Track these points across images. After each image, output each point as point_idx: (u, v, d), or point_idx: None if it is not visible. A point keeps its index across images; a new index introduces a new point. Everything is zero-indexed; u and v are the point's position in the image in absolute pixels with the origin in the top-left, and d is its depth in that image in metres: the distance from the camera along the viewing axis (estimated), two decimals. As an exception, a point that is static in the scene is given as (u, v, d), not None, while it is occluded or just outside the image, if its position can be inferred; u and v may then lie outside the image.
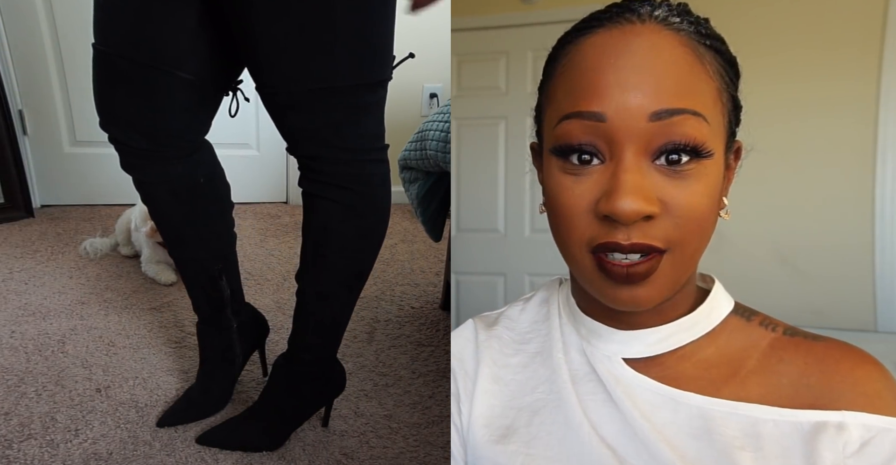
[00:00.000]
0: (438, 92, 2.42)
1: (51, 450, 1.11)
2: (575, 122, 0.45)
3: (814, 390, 0.47)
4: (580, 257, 0.47)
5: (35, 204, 2.20)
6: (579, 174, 0.46)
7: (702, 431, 0.47)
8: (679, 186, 0.44)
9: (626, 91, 0.43)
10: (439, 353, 1.48)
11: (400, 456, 1.15)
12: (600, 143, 0.45)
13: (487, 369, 0.58)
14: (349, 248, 1.05)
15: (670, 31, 0.45)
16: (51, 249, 1.93)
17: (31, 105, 2.12)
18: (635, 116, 0.43)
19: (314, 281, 1.09)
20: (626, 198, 0.42)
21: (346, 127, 0.95)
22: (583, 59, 0.46)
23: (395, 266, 1.95)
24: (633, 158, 0.44)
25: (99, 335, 1.47)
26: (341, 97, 0.92)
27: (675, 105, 0.43)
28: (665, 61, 0.44)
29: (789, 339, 0.51)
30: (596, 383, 0.52)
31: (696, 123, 0.44)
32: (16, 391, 1.26)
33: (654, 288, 0.45)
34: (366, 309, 1.67)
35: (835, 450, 0.44)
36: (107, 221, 2.13)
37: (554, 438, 0.52)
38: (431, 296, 1.76)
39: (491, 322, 0.62)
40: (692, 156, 0.44)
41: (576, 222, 0.46)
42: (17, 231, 2.05)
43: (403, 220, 2.35)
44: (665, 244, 0.44)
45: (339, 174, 0.99)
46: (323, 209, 1.02)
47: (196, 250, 1.13)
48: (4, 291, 1.66)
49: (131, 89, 0.94)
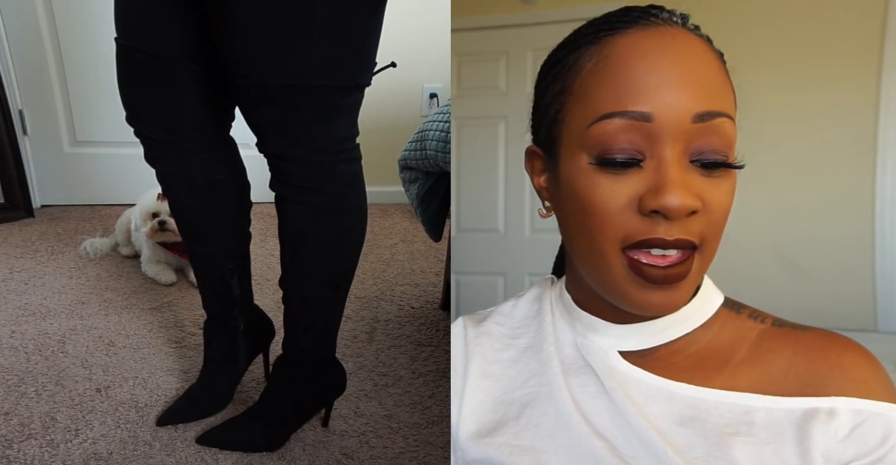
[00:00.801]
0: (438, 92, 2.42)
1: (51, 450, 1.11)
2: (617, 120, 0.45)
3: (802, 378, 0.48)
4: (611, 257, 0.46)
5: (35, 204, 2.20)
6: (619, 173, 0.46)
7: (694, 420, 0.48)
8: (714, 184, 0.45)
9: (672, 91, 0.44)
10: (439, 353, 1.48)
11: (400, 456, 1.15)
12: (642, 141, 0.45)
13: (477, 365, 0.58)
14: (326, 249, 1.04)
15: (695, 35, 0.47)
16: (51, 249, 1.93)
17: (31, 105, 2.12)
18: (680, 116, 0.44)
19: (295, 285, 1.08)
20: (675, 193, 0.43)
21: (316, 127, 0.93)
22: (621, 58, 0.46)
23: (395, 266, 1.95)
24: (675, 156, 0.45)
25: (99, 335, 1.47)
26: (315, 96, 0.91)
27: (716, 108, 0.45)
28: (703, 64, 0.45)
29: (778, 330, 0.52)
30: (589, 375, 0.53)
31: (731, 126, 0.46)
32: (16, 391, 1.26)
33: (685, 291, 0.47)
34: (366, 309, 1.67)
35: (826, 435, 0.45)
36: (107, 221, 2.13)
37: (543, 429, 0.52)
38: (431, 296, 1.76)
39: (480, 319, 0.62)
40: (726, 167, 0.46)
41: (613, 220, 0.46)
42: (17, 231, 2.05)
43: (403, 220, 2.35)
44: (699, 242, 0.46)
45: (307, 176, 0.98)
46: (294, 213, 1.01)
47: (210, 246, 1.13)
48: (4, 291, 1.66)
49: (149, 82, 0.95)
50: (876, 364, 0.49)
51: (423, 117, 2.42)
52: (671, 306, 0.47)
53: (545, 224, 0.51)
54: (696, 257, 0.46)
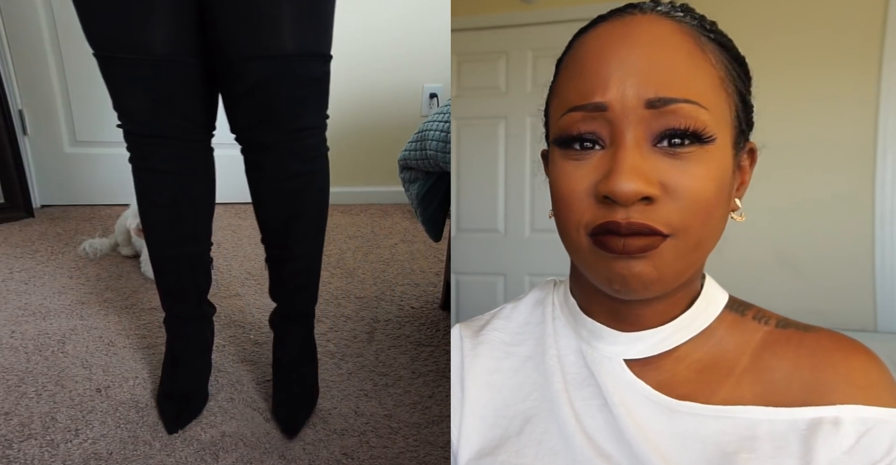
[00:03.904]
0: (438, 92, 2.42)
1: (51, 450, 1.11)
2: (578, 113, 0.46)
3: (807, 384, 0.47)
4: (578, 240, 0.47)
5: (35, 204, 2.20)
6: (580, 159, 0.46)
7: (696, 442, 0.47)
8: (680, 169, 0.44)
9: (624, 79, 0.44)
10: (439, 353, 1.48)
11: (400, 456, 1.15)
12: (601, 129, 0.45)
13: (477, 377, 0.57)
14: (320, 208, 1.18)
15: (670, 20, 0.46)
16: (51, 249, 1.93)
17: (31, 105, 2.12)
18: (633, 103, 0.44)
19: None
20: (624, 178, 0.42)
21: (308, 103, 1.04)
22: (584, 53, 0.47)
23: (395, 266, 1.95)
24: (633, 142, 0.44)
25: (99, 335, 1.47)
26: (310, 66, 1.01)
27: (670, 94, 0.44)
28: (661, 48, 0.44)
29: (781, 331, 0.51)
30: (593, 388, 0.52)
31: (693, 111, 0.44)
32: (16, 391, 1.26)
33: (653, 266, 0.44)
34: (366, 309, 1.67)
35: (831, 447, 0.44)
36: (107, 222, 2.13)
37: (546, 447, 0.51)
38: (431, 296, 1.76)
39: (479, 327, 0.60)
40: (692, 140, 0.44)
41: (575, 205, 0.46)
42: (17, 231, 2.05)
43: (403, 220, 2.35)
44: (668, 229, 0.44)
45: (285, 157, 1.08)
46: (271, 191, 1.13)
47: (202, 241, 1.20)
48: (4, 291, 1.66)
49: (132, 82, 1.00)
50: (882, 368, 0.48)
51: (423, 117, 2.42)
52: (638, 278, 0.44)
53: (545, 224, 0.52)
54: (668, 242, 0.44)
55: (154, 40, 0.94)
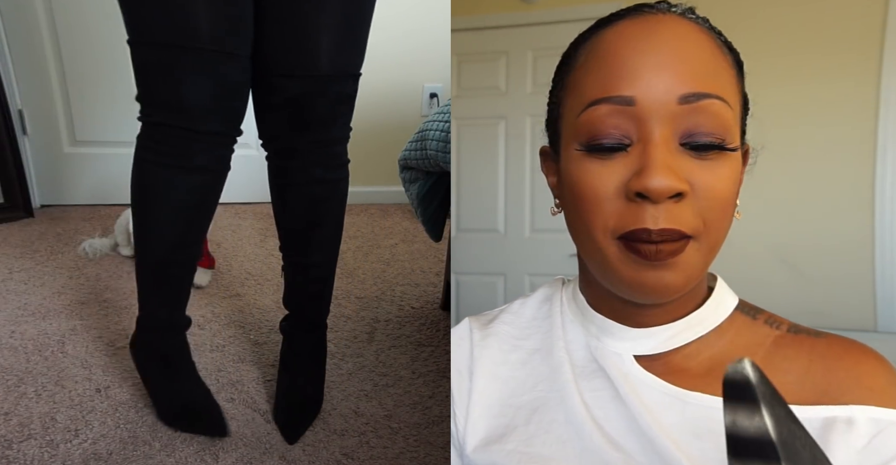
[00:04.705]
0: (438, 92, 2.42)
1: (51, 450, 1.11)
2: (603, 106, 0.45)
3: (819, 386, 0.47)
4: (605, 245, 0.46)
5: (35, 204, 2.20)
6: (606, 158, 0.45)
7: (709, 432, 0.47)
8: (705, 168, 0.44)
9: (655, 74, 0.44)
10: (439, 353, 1.48)
11: (400, 456, 1.15)
12: (629, 126, 0.45)
13: (485, 368, 0.57)
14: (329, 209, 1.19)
15: (689, 21, 0.46)
16: (51, 249, 1.93)
17: (31, 105, 2.12)
18: (665, 98, 0.44)
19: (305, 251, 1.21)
20: (657, 174, 0.42)
21: (339, 117, 1.09)
22: (608, 47, 0.46)
23: (395, 266, 1.95)
24: (662, 139, 0.44)
25: (99, 335, 1.47)
26: (344, 85, 1.05)
27: (703, 89, 0.44)
28: (691, 46, 0.45)
29: (793, 336, 0.51)
30: (603, 380, 0.52)
31: (721, 109, 0.44)
32: (16, 391, 1.26)
33: (681, 273, 0.45)
34: (366, 309, 1.67)
35: (846, 446, 0.44)
36: (106, 222, 2.13)
37: (554, 436, 0.51)
38: (431, 296, 1.76)
39: (487, 321, 0.61)
40: (718, 149, 0.44)
41: (603, 207, 0.45)
42: (17, 231, 2.05)
43: (403, 220, 2.35)
44: (691, 231, 0.44)
45: (313, 164, 1.11)
46: (302, 195, 1.15)
47: (199, 246, 1.16)
48: (4, 291, 1.66)
49: (164, 72, 0.97)
50: (892, 372, 0.48)
51: (423, 117, 2.42)
52: (670, 287, 0.45)
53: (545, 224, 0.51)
54: (692, 245, 0.44)
55: (224, 35, 0.94)
